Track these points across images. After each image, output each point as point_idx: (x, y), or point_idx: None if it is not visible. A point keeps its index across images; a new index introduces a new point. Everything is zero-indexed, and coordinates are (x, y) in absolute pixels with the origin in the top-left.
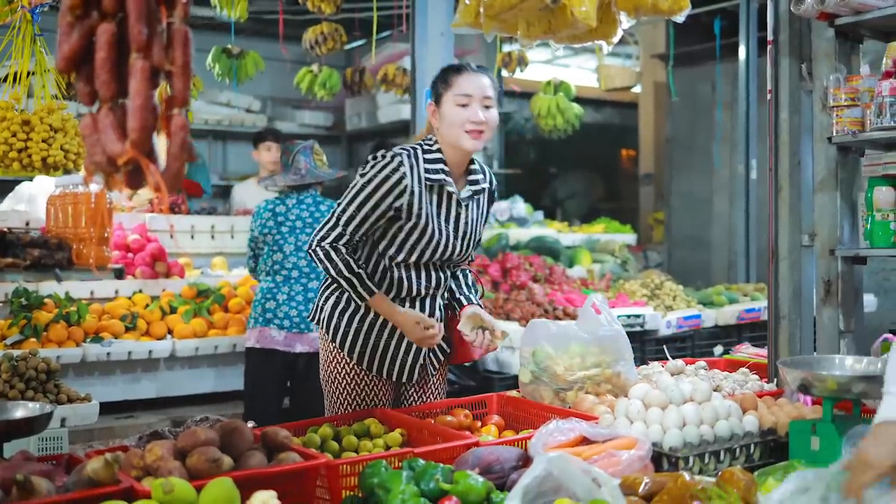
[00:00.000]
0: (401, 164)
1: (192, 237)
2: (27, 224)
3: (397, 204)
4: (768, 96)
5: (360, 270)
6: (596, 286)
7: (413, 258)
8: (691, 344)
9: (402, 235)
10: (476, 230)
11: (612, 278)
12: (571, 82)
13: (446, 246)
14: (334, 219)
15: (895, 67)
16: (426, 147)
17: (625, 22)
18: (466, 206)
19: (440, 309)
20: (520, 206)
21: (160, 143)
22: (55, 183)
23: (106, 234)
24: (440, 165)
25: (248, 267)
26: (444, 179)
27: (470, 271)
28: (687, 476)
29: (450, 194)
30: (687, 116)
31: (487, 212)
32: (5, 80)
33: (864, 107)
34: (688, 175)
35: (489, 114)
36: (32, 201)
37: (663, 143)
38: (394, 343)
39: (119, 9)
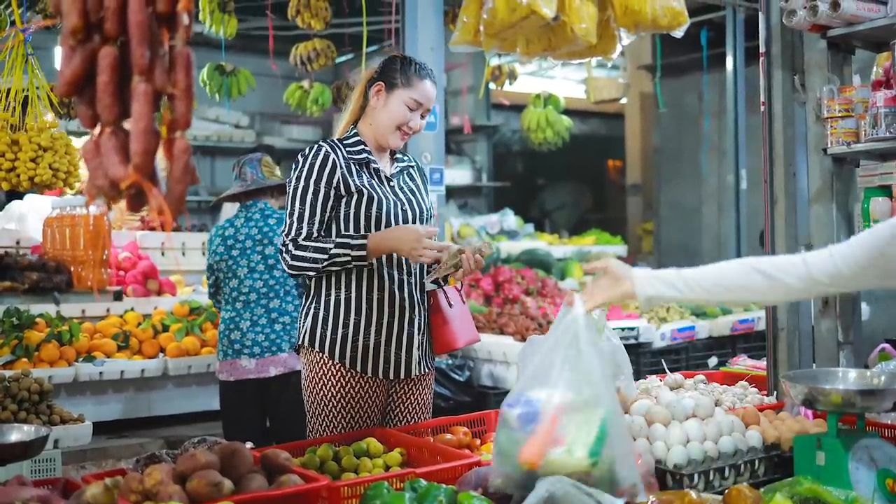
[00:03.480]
0: (323, 148)
1: (184, 254)
2: (17, 243)
3: (334, 182)
4: (761, 108)
5: (334, 239)
6: None
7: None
8: (686, 356)
9: (352, 212)
10: (419, 199)
11: None
12: (558, 94)
13: (396, 213)
14: (290, 221)
15: (886, 77)
16: (343, 139)
17: (625, 38)
18: (397, 179)
19: (420, 302)
20: (510, 218)
21: (162, 165)
22: (52, 204)
23: (105, 257)
24: (361, 147)
25: (209, 294)
26: (368, 158)
27: None
28: (693, 494)
29: (378, 170)
30: (674, 127)
31: (424, 185)
32: None
33: (858, 117)
34: (676, 185)
35: (423, 122)
36: (23, 220)
37: (651, 153)
38: (383, 340)
39: (121, 32)
